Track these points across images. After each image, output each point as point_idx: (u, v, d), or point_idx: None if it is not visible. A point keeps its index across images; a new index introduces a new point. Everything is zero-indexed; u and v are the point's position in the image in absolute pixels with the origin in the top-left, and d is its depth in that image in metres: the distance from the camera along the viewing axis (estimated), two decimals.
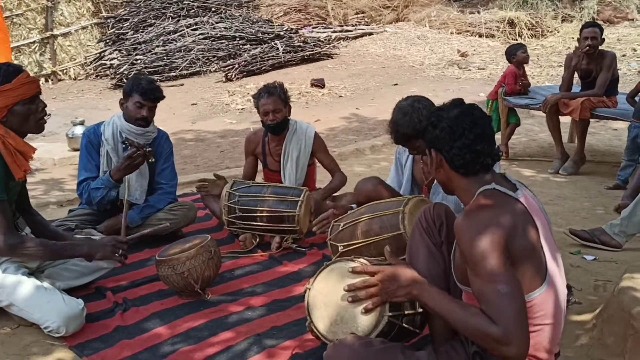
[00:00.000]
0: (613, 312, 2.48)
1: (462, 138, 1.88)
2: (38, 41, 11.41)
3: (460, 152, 1.89)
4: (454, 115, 1.93)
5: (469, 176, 1.91)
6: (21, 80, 2.72)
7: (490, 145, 1.91)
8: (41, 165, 6.20)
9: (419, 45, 12.61)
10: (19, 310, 2.76)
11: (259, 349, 2.61)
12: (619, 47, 11.26)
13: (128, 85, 3.71)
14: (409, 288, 1.91)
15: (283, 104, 3.91)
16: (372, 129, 7.36)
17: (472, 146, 1.88)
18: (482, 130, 1.90)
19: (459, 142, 1.89)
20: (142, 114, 3.66)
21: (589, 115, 5.42)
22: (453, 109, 1.97)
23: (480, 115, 1.95)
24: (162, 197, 3.86)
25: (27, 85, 2.73)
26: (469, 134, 1.88)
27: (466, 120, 1.90)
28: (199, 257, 2.99)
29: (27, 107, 2.74)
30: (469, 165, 1.89)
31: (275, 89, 3.90)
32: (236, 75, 10.57)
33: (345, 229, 3.18)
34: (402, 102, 3.14)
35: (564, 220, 4.19)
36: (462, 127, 1.89)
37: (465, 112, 1.94)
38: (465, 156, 1.88)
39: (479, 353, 1.89)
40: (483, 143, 1.89)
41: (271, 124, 3.90)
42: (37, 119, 2.78)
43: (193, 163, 6.26)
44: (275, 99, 3.87)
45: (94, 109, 9.15)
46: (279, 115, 3.89)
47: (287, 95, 3.98)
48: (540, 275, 1.79)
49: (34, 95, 2.76)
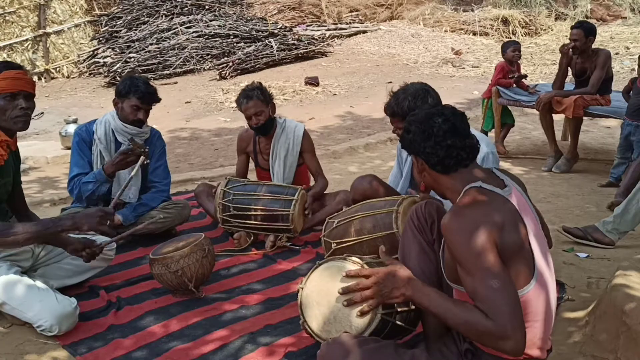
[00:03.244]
0: (606, 309, 2.49)
1: (432, 136, 1.91)
2: (31, 39, 11.36)
3: (432, 149, 1.91)
4: (422, 116, 1.97)
5: (449, 173, 1.93)
6: (7, 75, 2.73)
7: (462, 139, 1.91)
8: (34, 164, 6.17)
9: (413, 44, 12.62)
10: (11, 309, 2.74)
11: (253, 347, 2.61)
12: (612, 45, 11.30)
13: (124, 85, 3.68)
14: (403, 289, 1.90)
15: (264, 104, 3.88)
16: (366, 127, 7.36)
17: (443, 142, 1.90)
18: (452, 124, 1.92)
19: (430, 140, 1.91)
20: (138, 116, 3.66)
21: (582, 113, 5.44)
22: (422, 111, 2.02)
23: (450, 112, 1.97)
24: (155, 196, 3.85)
25: (10, 81, 2.73)
26: (438, 131, 1.91)
27: (435, 119, 1.93)
28: (193, 255, 2.99)
29: (5, 102, 2.73)
30: (444, 161, 1.91)
31: (253, 92, 3.87)
32: (230, 74, 10.55)
33: (339, 226, 3.19)
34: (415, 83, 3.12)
35: (557, 217, 4.20)
36: (431, 125, 1.92)
37: (434, 112, 1.97)
38: (438, 153, 1.90)
39: (471, 350, 1.89)
40: (454, 137, 1.90)
41: (255, 126, 3.91)
42: (13, 115, 2.76)
43: (187, 161, 6.25)
44: (255, 102, 3.85)
45: (87, 107, 9.12)
46: (261, 118, 3.88)
47: (268, 94, 3.93)
48: (529, 272, 1.80)
49: (15, 92, 2.74)
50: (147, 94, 3.64)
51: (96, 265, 3.17)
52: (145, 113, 3.71)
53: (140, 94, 3.62)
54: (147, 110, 3.71)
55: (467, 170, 1.92)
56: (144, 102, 3.65)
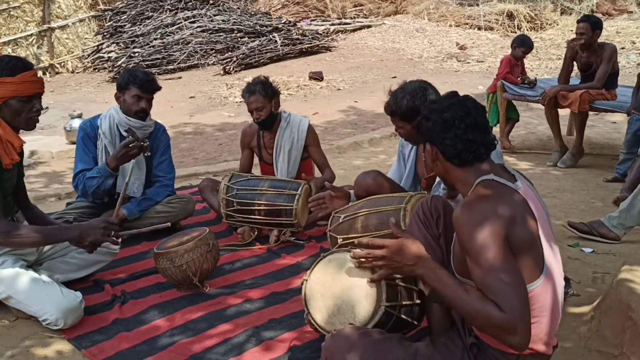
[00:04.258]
0: (611, 304, 2.48)
1: (453, 128, 1.88)
2: (35, 34, 11.37)
3: (452, 142, 1.88)
4: (445, 107, 1.93)
5: (465, 167, 1.91)
6: (25, 78, 2.72)
7: (482, 135, 1.90)
8: (39, 159, 6.18)
9: (417, 38, 12.58)
10: (17, 302, 2.76)
11: (257, 342, 2.61)
12: (618, 39, 11.24)
13: (123, 78, 3.69)
14: (414, 267, 1.87)
15: (267, 99, 3.87)
16: (371, 122, 7.34)
17: (463, 135, 1.87)
18: (474, 119, 1.90)
19: (451, 132, 1.88)
20: (141, 106, 3.66)
21: (587, 107, 5.41)
22: (445, 101, 1.97)
23: (472, 105, 1.95)
24: (160, 190, 3.86)
25: (29, 84, 2.73)
26: (460, 124, 1.88)
27: (457, 111, 1.91)
28: (197, 249, 2.99)
29: (21, 104, 2.74)
30: (461, 154, 1.89)
31: (255, 87, 3.88)
32: (234, 68, 10.54)
33: (346, 221, 3.18)
34: (414, 81, 3.12)
35: (563, 212, 4.18)
36: (454, 117, 1.90)
37: (457, 103, 1.94)
38: (457, 146, 1.88)
39: (476, 344, 1.89)
40: (475, 132, 1.88)
41: (256, 121, 3.92)
42: (28, 117, 2.78)
43: (191, 156, 6.25)
44: (256, 97, 3.86)
45: (91, 102, 9.12)
46: (262, 113, 3.88)
47: (272, 89, 3.93)
48: (538, 267, 1.79)
49: (32, 95, 2.75)
50: (146, 82, 3.65)
51: (101, 259, 3.18)
52: (147, 102, 3.70)
53: (140, 82, 3.63)
54: (148, 99, 3.70)
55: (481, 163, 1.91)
56: (144, 91, 3.65)
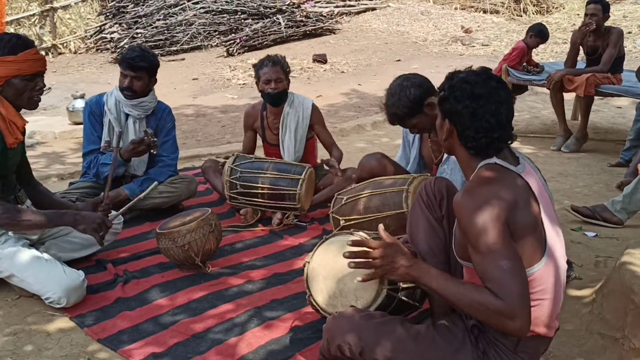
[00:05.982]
0: (613, 287, 2.48)
1: (482, 121, 1.81)
2: (38, 14, 11.29)
3: (476, 134, 1.82)
4: (478, 94, 1.82)
5: (477, 156, 1.88)
6: (26, 56, 2.70)
7: (506, 132, 1.84)
8: (42, 139, 6.18)
9: (422, 21, 12.47)
10: (19, 281, 2.77)
11: (258, 322, 2.62)
12: (625, 24, 11.13)
13: (120, 56, 3.73)
14: (408, 269, 1.87)
15: (285, 75, 3.90)
16: (374, 105, 7.29)
17: (490, 132, 1.81)
18: (505, 117, 1.83)
19: (478, 124, 1.81)
20: (124, 84, 3.66)
21: (593, 91, 5.37)
22: (480, 86, 1.84)
23: (505, 97, 1.85)
24: (162, 170, 3.85)
25: (31, 62, 2.71)
26: (490, 119, 1.81)
27: (491, 103, 1.81)
28: (200, 230, 2.99)
29: (24, 83, 2.72)
30: (481, 148, 1.84)
31: (279, 59, 3.91)
32: (237, 50, 10.47)
33: (348, 203, 3.18)
34: (392, 83, 3.13)
35: (566, 197, 4.17)
36: (485, 110, 1.81)
37: (492, 94, 1.82)
38: (480, 140, 1.82)
39: (477, 326, 1.89)
40: (502, 130, 1.82)
41: (272, 92, 3.86)
42: (30, 96, 2.77)
43: (194, 138, 6.23)
44: (278, 68, 3.87)
45: (94, 82, 9.09)
46: (280, 85, 3.87)
47: (289, 68, 3.99)
48: (540, 250, 1.78)
49: (34, 73, 2.73)
50: (128, 59, 3.61)
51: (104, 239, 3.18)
52: (132, 80, 3.65)
53: (121, 59, 3.65)
54: (133, 77, 3.64)
55: None
56: (125, 68, 3.63)
